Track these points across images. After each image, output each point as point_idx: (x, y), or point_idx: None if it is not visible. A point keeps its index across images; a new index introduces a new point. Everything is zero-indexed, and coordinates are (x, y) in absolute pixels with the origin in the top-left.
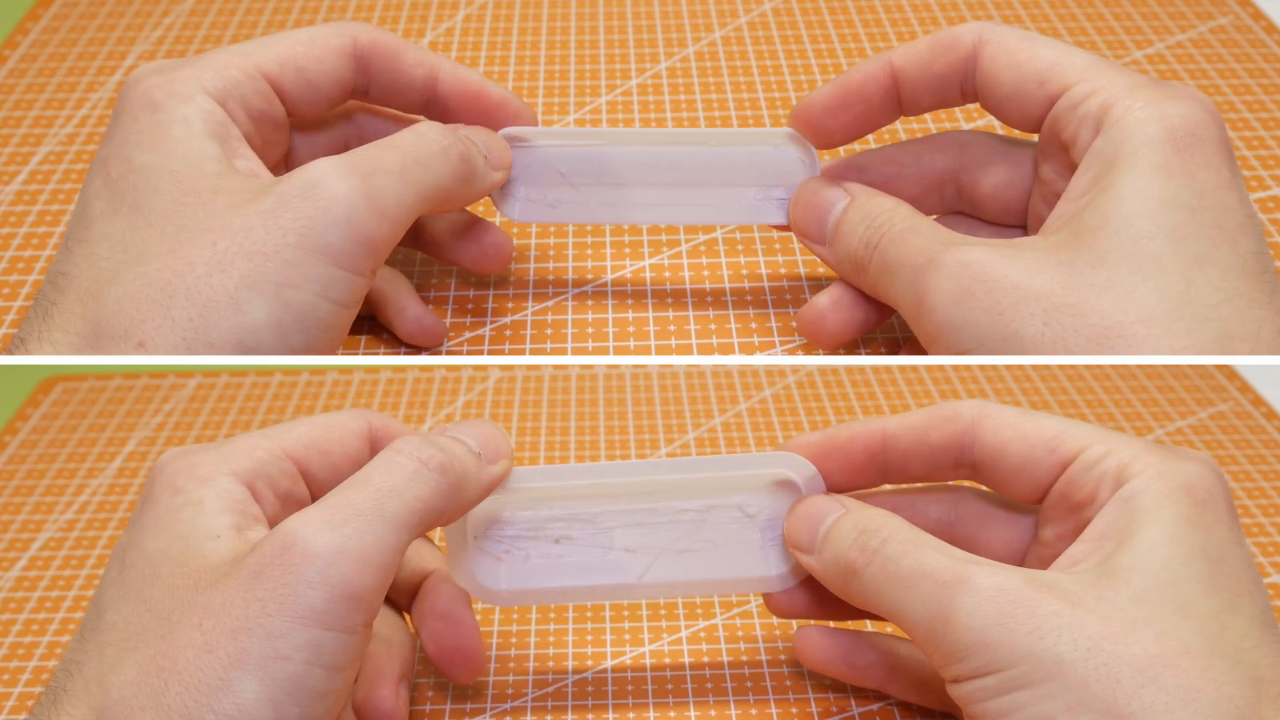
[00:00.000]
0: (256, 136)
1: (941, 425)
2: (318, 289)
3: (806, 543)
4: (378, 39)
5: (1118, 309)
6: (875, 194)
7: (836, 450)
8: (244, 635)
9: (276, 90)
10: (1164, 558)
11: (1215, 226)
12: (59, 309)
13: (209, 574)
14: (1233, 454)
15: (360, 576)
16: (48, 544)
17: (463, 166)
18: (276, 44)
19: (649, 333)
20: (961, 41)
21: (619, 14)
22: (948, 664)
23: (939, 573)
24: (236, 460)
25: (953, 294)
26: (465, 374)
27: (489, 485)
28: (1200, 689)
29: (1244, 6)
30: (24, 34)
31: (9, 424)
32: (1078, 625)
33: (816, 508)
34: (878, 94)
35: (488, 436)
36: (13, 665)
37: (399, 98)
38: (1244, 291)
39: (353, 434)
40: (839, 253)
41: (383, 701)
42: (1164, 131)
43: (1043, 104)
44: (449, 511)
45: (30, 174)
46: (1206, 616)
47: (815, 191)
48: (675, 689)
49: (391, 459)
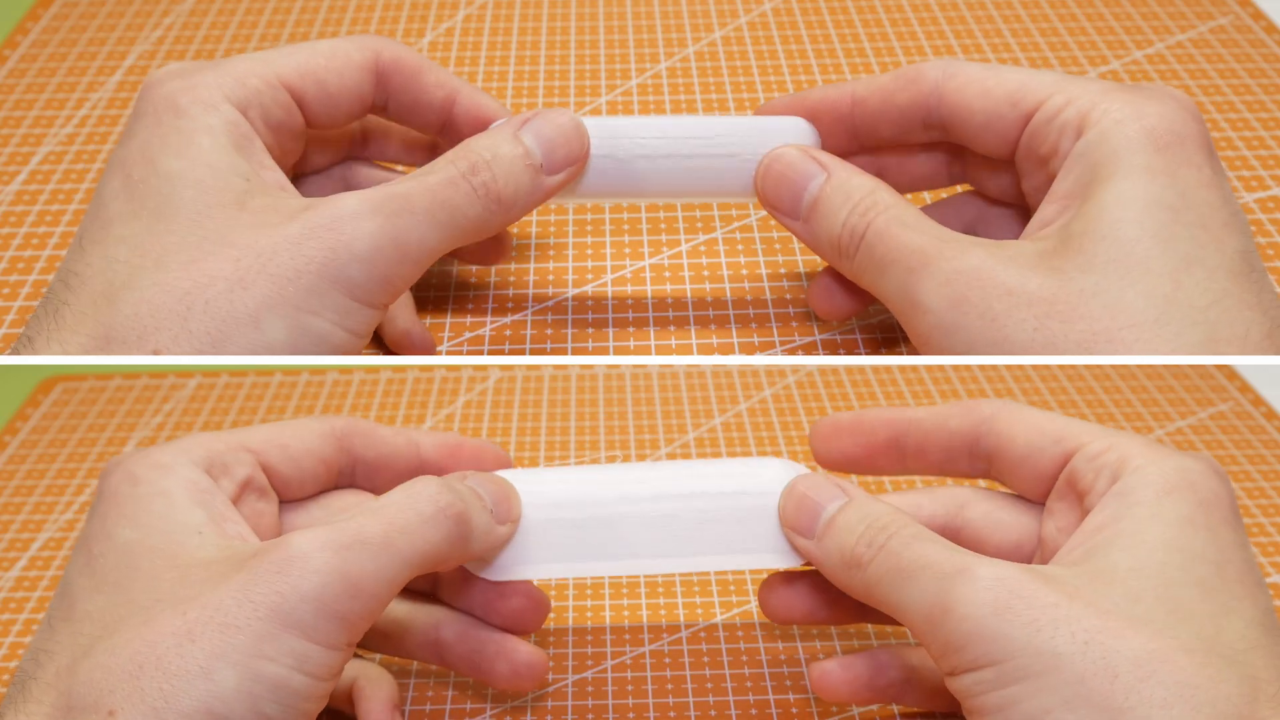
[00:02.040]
0: (275, 147)
1: (961, 413)
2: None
3: (806, 527)
4: (401, 56)
5: (1106, 315)
6: (852, 170)
7: (862, 426)
8: (232, 631)
9: (297, 101)
10: (1162, 561)
11: (1200, 226)
12: (70, 310)
13: (199, 569)
14: (1233, 454)
15: (352, 601)
16: (48, 544)
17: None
18: (298, 54)
19: (649, 333)
20: (926, 75)
21: (619, 14)
22: (945, 655)
23: (939, 564)
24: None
25: (948, 299)
26: (465, 374)
27: (495, 545)
28: (1198, 685)
29: (1244, 6)
30: (24, 34)
31: (9, 424)
32: (1075, 619)
33: (817, 491)
34: (829, 118)
35: (501, 497)
36: (13, 665)
37: (416, 117)
38: (1232, 292)
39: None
40: (816, 232)
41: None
42: (1143, 132)
43: (1017, 124)
44: (452, 559)
45: (30, 174)
46: (1203, 619)
47: (789, 163)
48: (675, 688)
49: (410, 498)
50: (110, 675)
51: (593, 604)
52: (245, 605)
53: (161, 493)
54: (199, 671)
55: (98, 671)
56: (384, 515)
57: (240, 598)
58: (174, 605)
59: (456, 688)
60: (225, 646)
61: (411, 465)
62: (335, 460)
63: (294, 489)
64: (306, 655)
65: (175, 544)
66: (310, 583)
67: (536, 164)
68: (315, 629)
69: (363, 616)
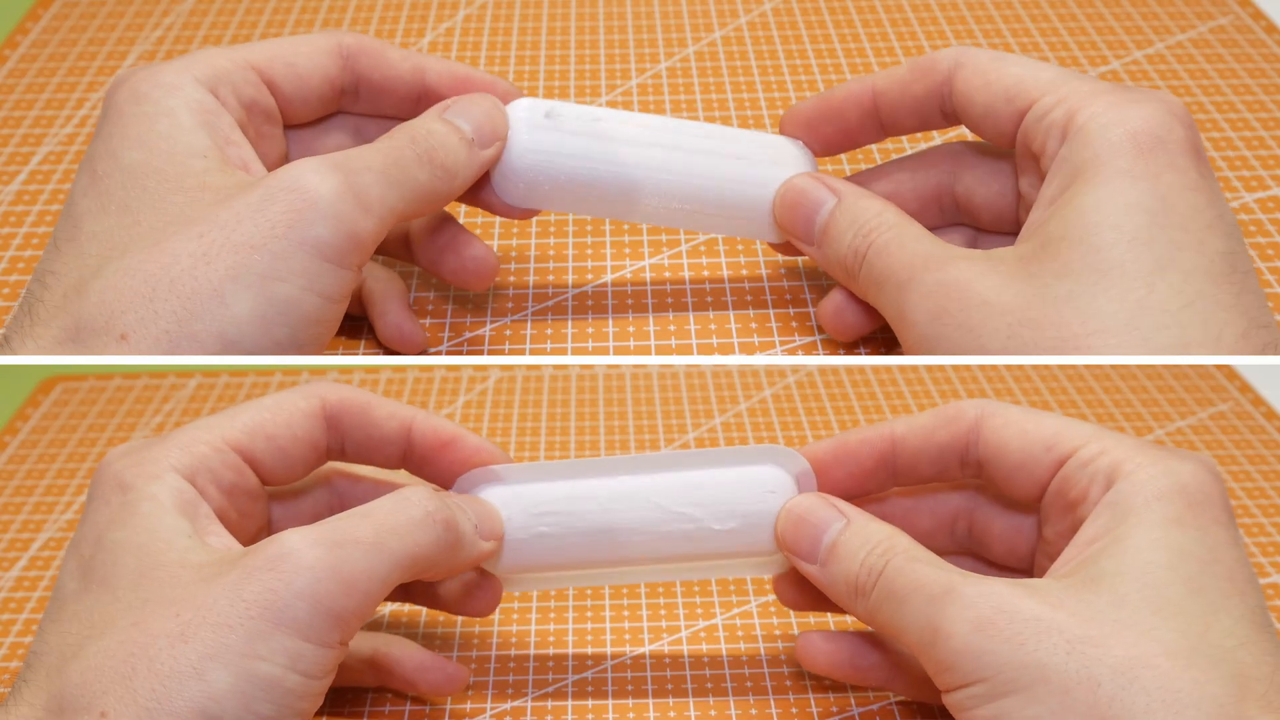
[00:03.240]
0: (250, 126)
1: (946, 425)
2: (304, 282)
3: (807, 551)
4: (363, 39)
5: (1075, 320)
6: (863, 194)
7: (848, 455)
8: (225, 631)
9: (267, 83)
10: (1147, 562)
11: (1180, 229)
12: (44, 306)
13: (188, 570)
14: (1233, 454)
15: (346, 598)
16: (48, 544)
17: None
18: (267, 43)
19: (649, 333)
20: (939, 65)
21: (619, 14)
22: (939, 674)
23: (929, 586)
24: (176, 456)
25: (929, 312)
26: (465, 374)
27: (479, 558)
28: (1181, 689)
29: (1244, 6)
30: (24, 34)
31: (9, 424)
32: (1058, 630)
33: (816, 515)
34: (856, 112)
35: (485, 514)
36: (13, 665)
37: (389, 95)
38: (1208, 294)
39: (302, 414)
40: (828, 256)
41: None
42: (1126, 135)
43: (1013, 119)
44: (440, 566)
45: (30, 174)
46: (1190, 617)
47: (802, 191)
48: (675, 688)
49: (399, 503)
50: (102, 676)
51: (593, 604)
52: (237, 604)
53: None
54: (191, 672)
55: (90, 673)
56: (374, 517)
57: (233, 596)
58: (165, 605)
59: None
60: (218, 646)
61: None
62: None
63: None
64: (300, 654)
65: (162, 543)
66: (304, 579)
67: (469, 138)
68: (309, 626)
69: (355, 614)
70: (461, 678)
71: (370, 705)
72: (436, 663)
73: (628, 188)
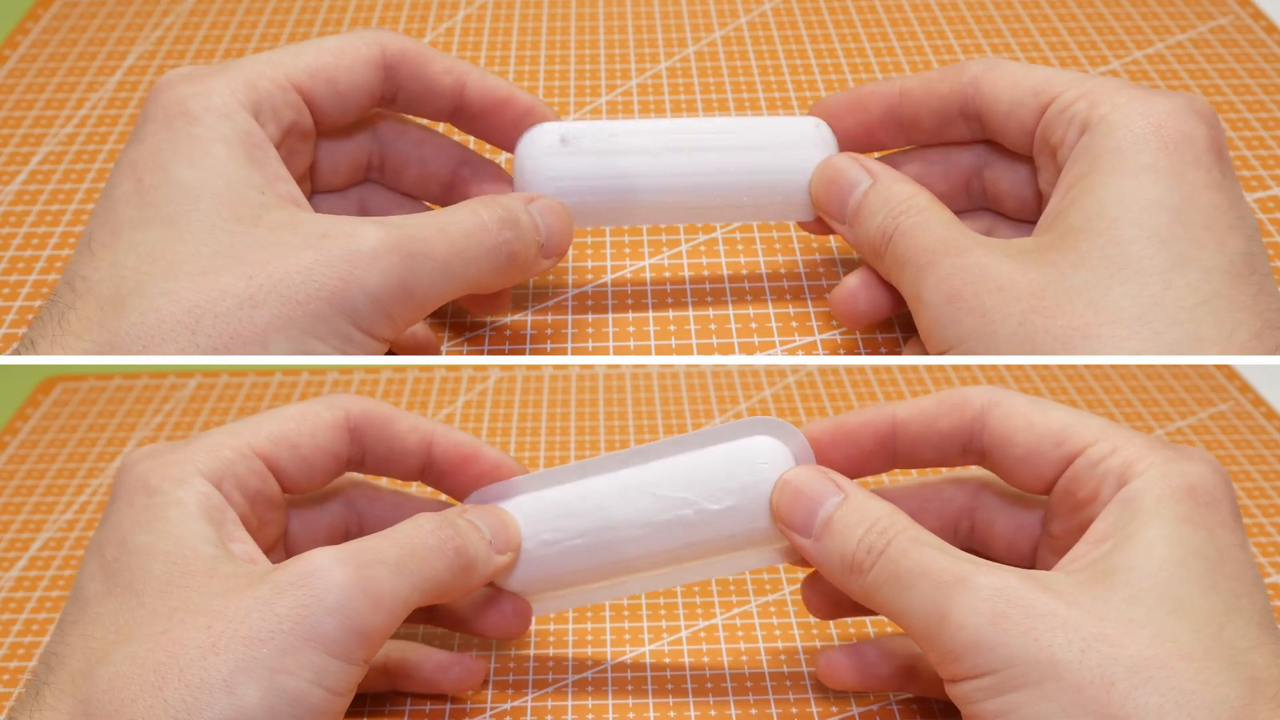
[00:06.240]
0: (285, 149)
1: (950, 412)
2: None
3: (801, 524)
4: (406, 47)
5: (1089, 311)
6: (897, 178)
7: (846, 437)
8: (257, 644)
9: (308, 102)
10: (1161, 559)
11: (1202, 228)
12: (76, 314)
13: (218, 580)
14: (1233, 454)
15: (373, 615)
16: (48, 544)
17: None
18: (306, 53)
19: (649, 333)
20: (967, 67)
21: (619, 14)
22: (945, 664)
23: (938, 573)
24: (203, 460)
25: (945, 294)
26: (465, 374)
27: (494, 574)
28: (1194, 690)
29: (1244, 6)
30: (24, 34)
31: (9, 424)
32: (1073, 626)
33: (812, 487)
34: (879, 107)
35: (500, 527)
36: (13, 665)
37: (427, 105)
38: (1224, 293)
39: (326, 424)
40: (858, 235)
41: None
42: (1150, 128)
43: (1035, 113)
44: (455, 589)
45: (30, 174)
46: (1204, 617)
47: (839, 170)
48: (675, 689)
49: (414, 531)
50: (131, 684)
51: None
52: (270, 618)
53: (176, 503)
54: (222, 684)
55: (118, 680)
56: (395, 540)
57: (265, 610)
58: (195, 615)
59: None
60: (249, 660)
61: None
62: (345, 453)
63: (303, 486)
64: (326, 669)
65: (189, 550)
66: (334, 596)
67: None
68: (337, 643)
69: (380, 632)
70: (481, 671)
71: (370, 705)
72: (455, 660)
73: (654, 198)
